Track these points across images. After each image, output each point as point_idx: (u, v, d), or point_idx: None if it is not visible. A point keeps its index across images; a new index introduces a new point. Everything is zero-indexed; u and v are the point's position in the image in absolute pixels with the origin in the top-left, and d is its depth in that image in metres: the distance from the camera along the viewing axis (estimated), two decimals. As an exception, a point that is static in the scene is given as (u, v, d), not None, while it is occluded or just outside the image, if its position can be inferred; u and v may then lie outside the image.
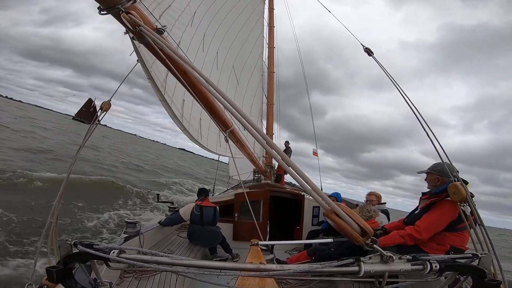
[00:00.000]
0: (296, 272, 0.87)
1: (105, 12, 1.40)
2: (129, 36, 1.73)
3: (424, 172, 2.46)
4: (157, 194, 7.07)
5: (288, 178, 8.33)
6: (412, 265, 0.91)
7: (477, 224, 1.73)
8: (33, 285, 1.24)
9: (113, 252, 0.94)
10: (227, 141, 3.04)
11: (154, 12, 2.23)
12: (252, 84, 7.39)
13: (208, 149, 4.98)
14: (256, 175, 8.37)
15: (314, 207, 5.02)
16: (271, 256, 2.06)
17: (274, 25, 8.81)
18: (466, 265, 0.95)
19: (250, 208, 2.70)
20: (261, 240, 1.90)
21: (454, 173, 1.90)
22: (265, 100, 8.52)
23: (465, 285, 1.20)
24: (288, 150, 8.88)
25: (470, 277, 0.97)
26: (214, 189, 9.11)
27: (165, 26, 1.64)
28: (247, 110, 7.18)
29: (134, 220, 3.14)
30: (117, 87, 2.37)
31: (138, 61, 2.37)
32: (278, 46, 9.05)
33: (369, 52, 2.75)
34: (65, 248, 0.94)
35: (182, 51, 2.89)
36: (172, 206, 4.77)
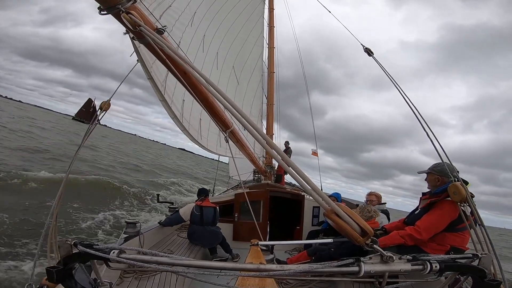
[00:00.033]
0: (296, 272, 0.87)
1: (106, 12, 1.40)
2: (129, 36, 1.73)
3: (425, 172, 2.46)
4: (157, 194, 7.06)
5: (288, 178, 8.33)
6: (412, 265, 0.91)
7: (477, 224, 1.73)
8: (33, 285, 1.24)
9: (113, 252, 0.94)
10: (227, 141, 3.04)
11: (154, 12, 2.23)
12: (252, 84, 7.39)
13: (208, 149, 4.97)
14: (256, 175, 8.37)
15: (314, 207, 5.02)
16: (271, 256, 2.05)
17: (274, 25, 8.82)
18: (466, 265, 0.95)
19: (250, 208, 2.69)
20: (261, 240, 1.90)
21: (454, 173, 1.90)
22: (265, 100, 8.53)
23: (465, 285, 1.20)
24: (288, 151, 8.88)
25: (470, 277, 0.97)
26: (214, 189, 9.10)
27: (165, 26, 1.64)
28: (247, 110, 7.18)
29: (134, 220, 3.14)
30: (117, 87, 2.37)
31: (138, 61, 2.38)
32: (278, 46, 9.07)
33: (369, 52, 2.75)
34: (65, 248, 0.94)
35: (182, 51, 2.90)
36: (172, 207, 4.77)
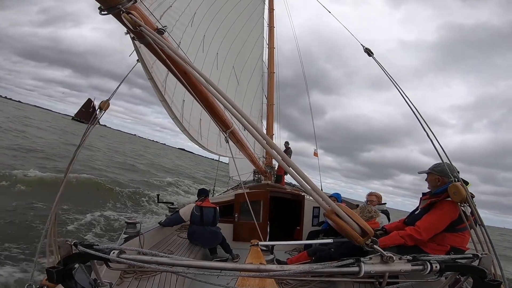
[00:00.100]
0: (296, 273, 0.87)
1: (106, 13, 1.40)
2: (130, 37, 1.73)
3: (425, 172, 2.46)
4: (157, 195, 7.07)
5: (288, 179, 8.33)
6: (412, 266, 0.91)
7: (478, 225, 1.73)
8: (33, 286, 1.24)
9: (113, 253, 0.94)
10: (227, 142, 3.04)
11: (155, 13, 2.23)
12: (252, 85, 7.39)
13: (208, 150, 4.97)
14: (256, 176, 8.37)
15: (314, 208, 5.02)
16: (271, 257, 2.05)
17: (274, 26, 8.82)
18: (467, 265, 0.95)
19: (250, 209, 2.69)
20: (261, 241, 1.90)
21: (455, 174, 1.90)
22: (265, 101, 8.53)
23: (466, 286, 1.20)
24: (288, 151, 8.87)
25: (471, 278, 0.97)
26: (214, 190, 9.09)
27: (166, 27, 1.63)
28: (247, 111, 7.18)
29: (134, 221, 3.14)
30: (117, 87, 2.37)
31: (139, 61, 2.38)
32: (278, 46, 9.07)
33: (369, 53, 2.75)
34: (65, 249, 0.94)
35: (183, 52, 2.89)
36: (172, 207, 4.77)
